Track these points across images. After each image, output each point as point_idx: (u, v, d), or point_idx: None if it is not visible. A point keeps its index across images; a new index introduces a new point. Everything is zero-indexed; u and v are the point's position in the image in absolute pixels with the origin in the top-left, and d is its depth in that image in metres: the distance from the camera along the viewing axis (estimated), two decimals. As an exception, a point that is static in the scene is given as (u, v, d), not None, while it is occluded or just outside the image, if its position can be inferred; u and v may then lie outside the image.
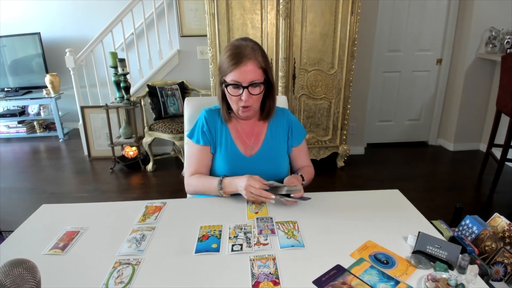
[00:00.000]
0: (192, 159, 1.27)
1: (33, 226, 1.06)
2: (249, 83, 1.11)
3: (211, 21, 2.69)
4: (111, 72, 3.32)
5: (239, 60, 1.09)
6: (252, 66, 1.10)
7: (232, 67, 1.10)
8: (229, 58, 1.11)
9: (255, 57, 1.11)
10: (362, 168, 3.28)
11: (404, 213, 1.09)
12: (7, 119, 4.31)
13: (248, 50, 1.11)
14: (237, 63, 1.09)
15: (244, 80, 1.11)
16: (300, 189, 1.10)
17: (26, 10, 4.15)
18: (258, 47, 1.15)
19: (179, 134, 3.04)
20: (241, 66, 1.09)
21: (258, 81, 1.12)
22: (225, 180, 1.16)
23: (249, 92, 1.12)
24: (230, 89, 1.14)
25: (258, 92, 1.15)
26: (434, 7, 3.36)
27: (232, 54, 1.10)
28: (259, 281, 0.80)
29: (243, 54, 1.10)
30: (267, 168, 1.26)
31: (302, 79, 2.90)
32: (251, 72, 1.10)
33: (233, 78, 1.11)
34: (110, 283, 0.81)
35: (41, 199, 2.79)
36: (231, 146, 1.25)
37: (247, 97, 1.13)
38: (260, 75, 1.13)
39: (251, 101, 1.15)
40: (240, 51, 1.10)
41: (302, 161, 1.36)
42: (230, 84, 1.12)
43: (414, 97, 3.68)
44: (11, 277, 0.66)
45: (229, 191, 1.16)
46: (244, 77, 1.10)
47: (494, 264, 0.95)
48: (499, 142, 2.83)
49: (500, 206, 2.57)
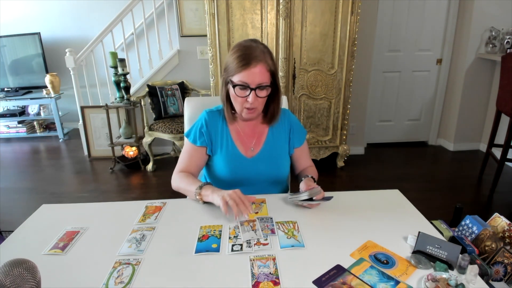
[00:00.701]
0: (185, 156, 1.26)
1: (33, 226, 1.06)
2: (257, 85, 1.10)
3: (211, 21, 2.69)
4: (111, 72, 3.32)
5: (248, 61, 1.08)
6: (261, 69, 1.10)
7: (241, 68, 1.09)
8: (238, 59, 1.10)
9: (265, 59, 1.10)
10: (362, 168, 3.28)
11: (404, 213, 1.09)
12: (7, 119, 4.31)
13: (258, 52, 1.10)
14: (247, 64, 1.08)
15: (252, 82, 1.10)
16: (321, 191, 1.09)
17: (26, 10, 4.15)
18: (268, 50, 1.14)
19: (179, 134, 3.04)
20: (251, 68, 1.08)
21: (265, 84, 1.12)
22: (207, 186, 1.12)
23: (256, 94, 1.12)
24: (237, 90, 1.13)
25: (265, 95, 1.15)
26: (434, 7, 3.36)
27: (242, 55, 1.09)
28: (259, 281, 0.80)
29: (253, 55, 1.09)
30: (267, 169, 1.26)
31: (302, 79, 2.90)
32: (260, 75, 1.10)
33: (241, 79, 1.10)
34: (110, 283, 0.81)
35: (41, 199, 2.79)
36: (232, 147, 1.25)
37: (254, 99, 1.12)
38: (268, 78, 1.12)
39: (257, 103, 1.14)
40: (250, 53, 1.09)
41: (304, 161, 1.35)
42: (238, 84, 1.12)
43: (414, 97, 3.68)
44: (11, 277, 0.66)
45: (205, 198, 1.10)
46: (252, 79, 1.09)
47: (494, 264, 0.95)
48: (499, 142, 2.83)
49: (500, 206, 2.57)
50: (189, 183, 1.17)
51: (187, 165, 1.25)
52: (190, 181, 1.17)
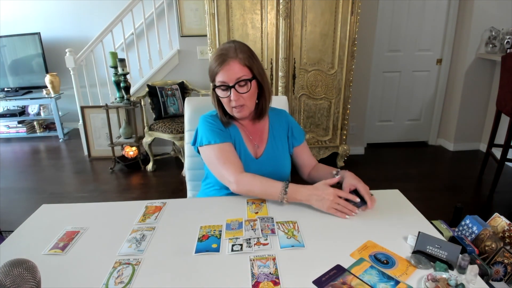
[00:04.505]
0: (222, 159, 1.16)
1: (33, 226, 1.06)
2: (235, 81, 1.12)
3: (211, 21, 2.69)
4: (111, 72, 3.32)
5: (222, 61, 1.11)
6: (235, 64, 1.11)
7: (217, 68, 1.11)
8: (214, 60, 1.13)
9: (237, 55, 1.12)
10: (362, 168, 3.28)
11: (404, 213, 1.09)
12: (7, 119, 4.31)
13: (232, 50, 1.12)
14: (221, 63, 1.10)
15: (229, 80, 1.11)
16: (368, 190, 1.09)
17: (26, 10, 4.15)
18: (243, 46, 1.15)
19: (179, 134, 3.04)
20: (225, 66, 1.10)
21: (243, 78, 1.12)
22: (291, 187, 1.09)
23: (236, 91, 1.13)
24: (219, 92, 1.15)
25: (246, 91, 1.14)
26: (434, 7, 3.36)
27: (216, 56, 1.13)
28: (259, 281, 0.80)
29: (226, 55, 1.11)
30: (272, 169, 1.26)
31: (302, 79, 2.90)
32: (235, 70, 1.11)
33: (219, 79, 1.12)
34: (110, 283, 0.80)
35: (41, 199, 2.79)
36: (244, 149, 1.24)
37: (236, 96, 1.13)
38: (245, 72, 1.12)
39: (242, 100, 1.15)
40: (223, 53, 1.12)
41: (307, 159, 1.36)
42: (218, 86, 1.14)
43: (414, 97, 3.68)
44: (11, 277, 0.66)
45: (294, 198, 1.09)
46: (229, 76, 1.11)
47: (494, 264, 0.95)
48: (499, 142, 2.83)
49: (500, 206, 2.57)
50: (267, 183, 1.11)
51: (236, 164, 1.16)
52: (266, 181, 1.12)
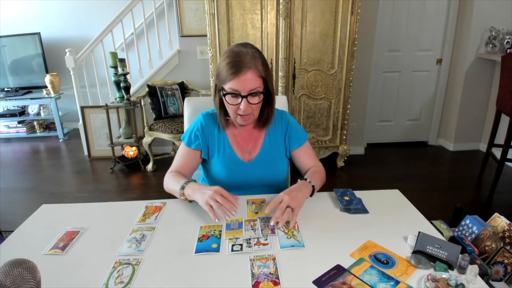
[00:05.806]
0: (178, 157, 1.25)
1: (33, 226, 1.06)
2: (248, 92, 1.08)
3: (211, 21, 2.69)
4: (111, 72, 3.31)
5: (238, 69, 1.05)
6: (251, 75, 1.06)
7: (231, 76, 1.05)
8: (228, 66, 1.06)
9: (255, 65, 1.07)
10: (362, 168, 3.28)
11: (404, 213, 1.09)
12: (7, 119, 4.31)
13: (248, 58, 1.06)
14: (237, 72, 1.05)
15: (243, 90, 1.07)
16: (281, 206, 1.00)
17: (26, 10, 4.15)
18: (259, 54, 1.10)
19: (179, 134, 3.04)
20: (241, 75, 1.05)
21: (257, 90, 1.09)
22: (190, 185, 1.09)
23: (248, 102, 1.09)
24: (229, 98, 1.10)
25: (258, 101, 1.12)
26: (434, 7, 3.36)
27: (231, 62, 1.06)
28: (259, 281, 0.80)
29: (243, 62, 1.05)
30: (265, 173, 1.25)
31: (302, 79, 2.90)
32: (251, 81, 1.06)
33: (232, 87, 1.07)
34: (110, 283, 0.81)
35: (41, 199, 2.79)
36: (229, 151, 1.23)
37: (246, 107, 1.09)
38: (259, 84, 1.09)
39: (250, 110, 1.12)
40: (240, 59, 1.06)
41: (305, 162, 1.31)
42: (229, 93, 1.09)
43: (414, 97, 3.68)
44: (11, 277, 0.66)
45: (188, 195, 1.09)
46: (243, 86, 1.06)
47: (494, 264, 0.95)
48: (499, 142, 2.83)
49: (500, 206, 2.57)
50: (175, 183, 1.14)
51: (179, 166, 1.23)
52: (176, 180, 1.15)
